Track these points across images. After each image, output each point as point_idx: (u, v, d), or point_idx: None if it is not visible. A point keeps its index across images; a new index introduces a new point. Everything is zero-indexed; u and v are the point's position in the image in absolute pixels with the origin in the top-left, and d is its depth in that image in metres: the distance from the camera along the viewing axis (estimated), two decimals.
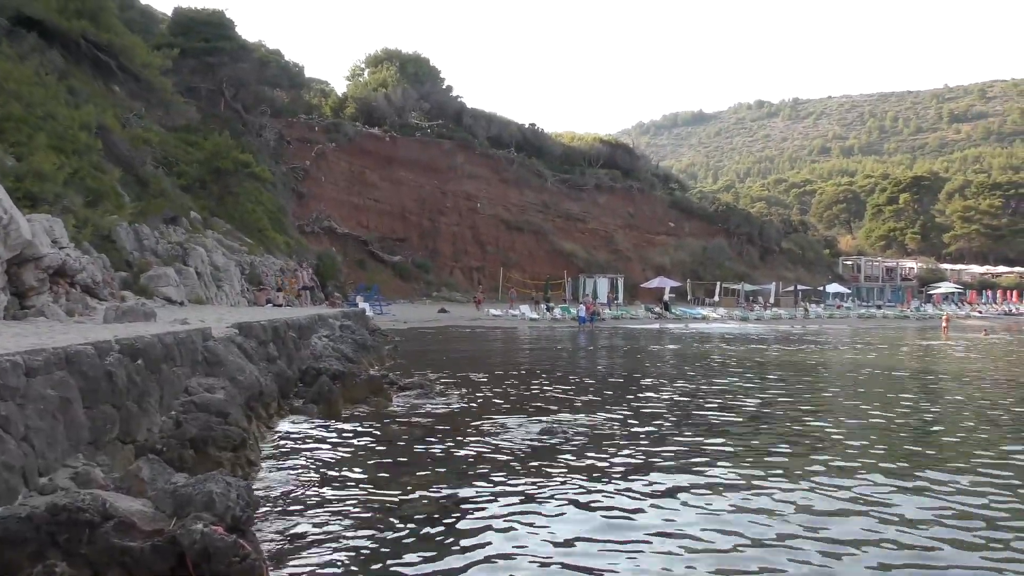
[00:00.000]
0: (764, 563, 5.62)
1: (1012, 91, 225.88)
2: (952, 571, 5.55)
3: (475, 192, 65.32)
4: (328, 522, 6.42)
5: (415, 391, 14.18)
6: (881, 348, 29.20)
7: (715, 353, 25.93)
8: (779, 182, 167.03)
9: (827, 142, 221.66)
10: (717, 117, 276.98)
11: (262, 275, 30.19)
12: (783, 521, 6.55)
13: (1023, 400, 14.62)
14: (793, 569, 5.52)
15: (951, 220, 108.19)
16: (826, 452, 9.42)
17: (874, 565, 5.60)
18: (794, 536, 6.16)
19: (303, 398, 12.08)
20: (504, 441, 9.93)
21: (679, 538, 6.13)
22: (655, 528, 6.40)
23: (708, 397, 14.33)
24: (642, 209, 75.52)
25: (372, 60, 72.84)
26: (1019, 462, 8.93)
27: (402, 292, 53.86)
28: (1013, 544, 6.02)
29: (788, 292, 70.88)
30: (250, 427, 8.90)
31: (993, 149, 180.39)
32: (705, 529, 6.33)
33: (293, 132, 57.38)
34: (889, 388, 16.49)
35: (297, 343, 15.23)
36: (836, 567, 5.57)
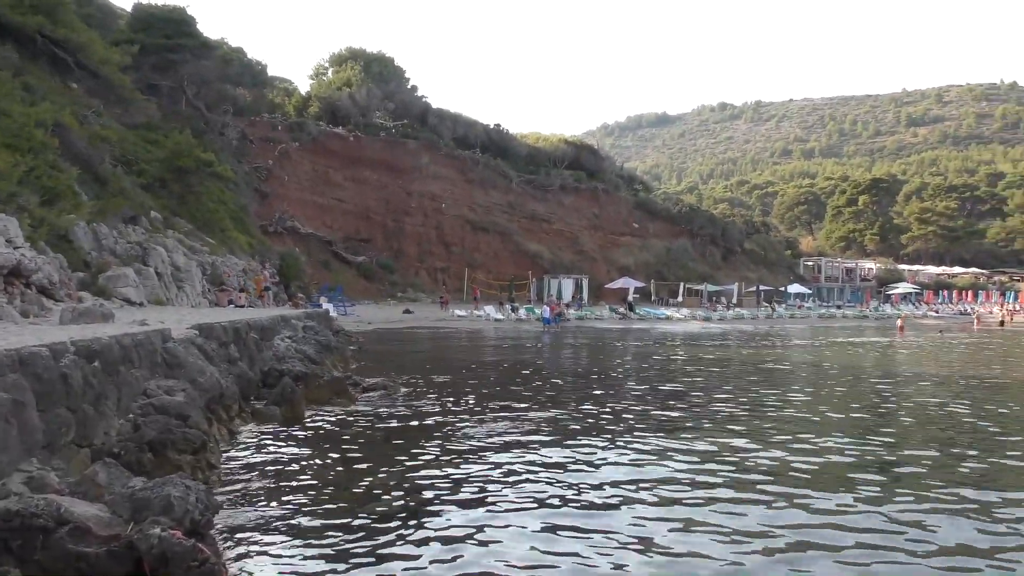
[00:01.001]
0: (724, 555, 5.70)
1: (967, 96, 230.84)
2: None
3: (440, 192, 65.14)
4: (289, 524, 6.37)
5: (379, 392, 14.12)
6: (838, 347, 29.68)
7: (677, 353, 26.13)
8: (742, 184, 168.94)
9: (788, 144, 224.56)
10: (681, 119, 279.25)
11: (224, 275, 29.83)
12: (741, 516, 6.64)
13: (959, 396, 14.95)
14: (750, 562, 5.61)
15: (909, 222, 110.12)
16: (779, 447, 9.55)
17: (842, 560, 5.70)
18: (748, 528, 6.26)
19: (265, 400, 11.97)
20: (467, 441, 9.94)
21: (641, 532, 6.18)
22: (619, 523, 6.45)
23: (668, 396, 14.45)
24: (607, 210, 75.88)
25: (336, 59, 72.29)
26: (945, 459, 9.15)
27: (367, 293, 53.56)
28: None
29: (750, 292, 71.67)
30: (211, 430, 8.80)
31: (949, 152, 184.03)
32: (666, 520, 6.39)
33: (256, 131, 56.77)
34: (843, 386, 16.75)
35: (259, 344, 15.08)
36: (794, 559, 5.66)
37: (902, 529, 6.42)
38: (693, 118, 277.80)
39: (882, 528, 6.45)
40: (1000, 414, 13.00)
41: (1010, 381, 18.73)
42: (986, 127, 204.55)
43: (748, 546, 6.00)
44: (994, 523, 6.65)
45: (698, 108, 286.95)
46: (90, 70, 32.43)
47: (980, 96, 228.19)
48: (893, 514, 6.81)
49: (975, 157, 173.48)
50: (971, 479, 8.23)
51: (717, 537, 6.19)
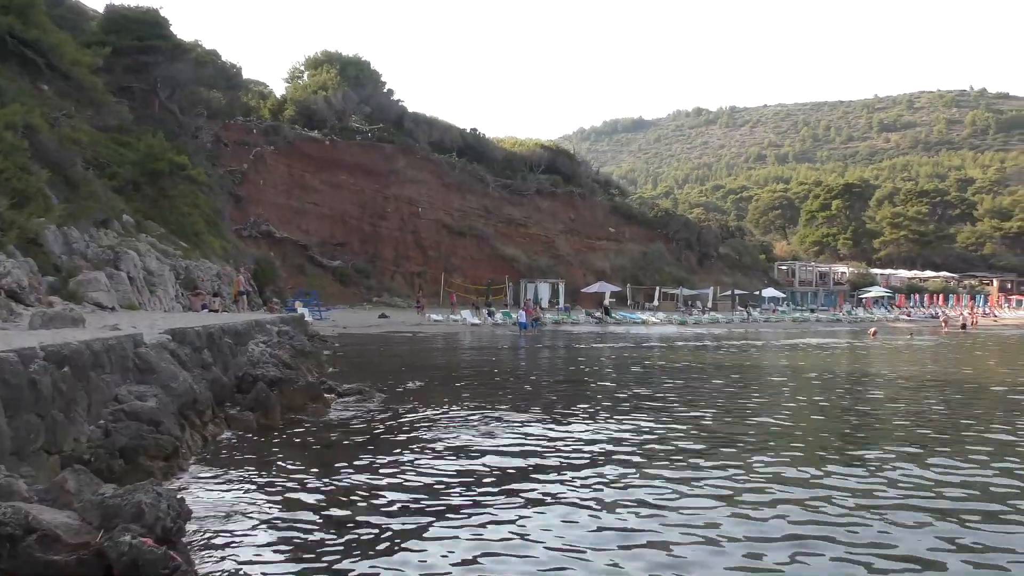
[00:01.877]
0: (693, 560, 5.72)
1: (938, 102, 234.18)
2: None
3: (417, 197, 64.99)
4: (263, 531, 6.32)
5: (354, 397, 14.05)
6: (811, 351, 29.96)
7: (653, 357, 26.24)
8: (717, 188, 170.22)
9: (763, 149, 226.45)
10: (656, 124, 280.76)
11: (198, 280, 29.57)
12: (711, 516, 6.68)
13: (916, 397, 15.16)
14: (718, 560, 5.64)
15: (881, 226, 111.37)
16: (750, 448, 9.62)
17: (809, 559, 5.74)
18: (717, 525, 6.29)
19: (239, 405, 11.87)
20: (443, 447, 9.91)
21: (615, 536, 6.20)
22: (591, 527, 6.46)
23: (645, 399, 14.50)
24: (583, 214, 76.07)
25: (311, 62, 71.93)
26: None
27: (342, 297, 53.30)
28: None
29: (725, 296, 72.12)
30: (183, 435, 8.72)
31: (920, 158, 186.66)
32: (645, 528, 6.41)
33: (230, 134, 56.34)
34: (817, 388, 16.92)
35: (233, 349, 14.95)
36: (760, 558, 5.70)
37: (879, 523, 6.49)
38: (669, 123, 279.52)
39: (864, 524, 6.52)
40: (959, 410, 13.19)
41: (965, 378, 19.01)
42: (956, 133, 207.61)
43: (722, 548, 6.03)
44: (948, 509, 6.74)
45: (673, 113, 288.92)
46: (61, 72, 32.01)
47: (950, 102, 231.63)
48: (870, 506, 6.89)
49: (945, 162, 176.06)
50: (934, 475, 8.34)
51: (707, 545, 6.21)
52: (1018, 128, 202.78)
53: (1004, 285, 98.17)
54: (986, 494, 7.69)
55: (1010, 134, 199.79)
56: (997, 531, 6.52)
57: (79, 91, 33.15)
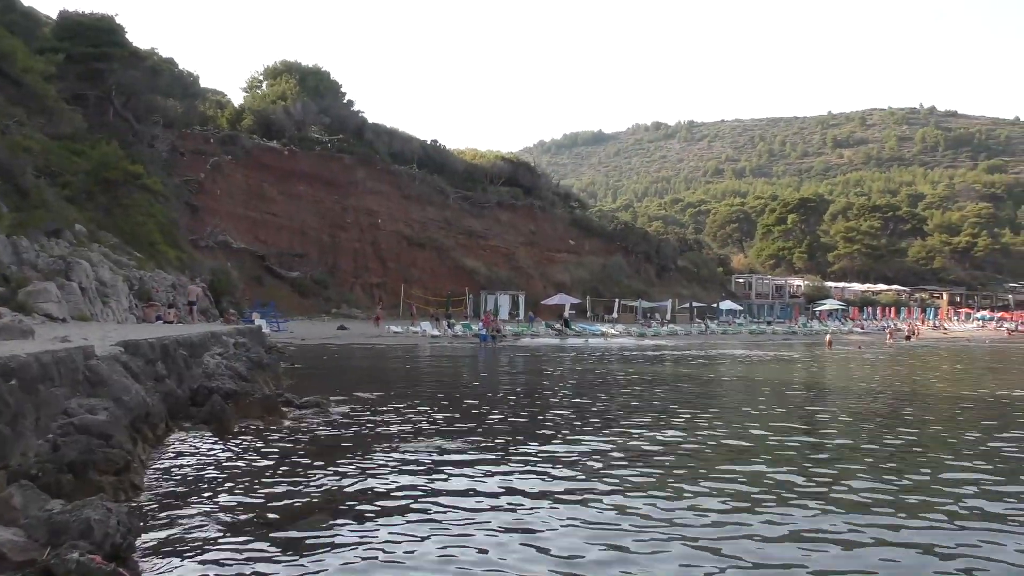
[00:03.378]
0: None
1: (889, 119, 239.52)
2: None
3: (376, 208, 64.72)
4: (216, 546, 6.22)
5: (311, 410, 13.91)
6: (769, 361, 30.38)
7: (612, 368, 26.39)
8: (675, 202, 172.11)
9: (720, 164, 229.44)
10: (616, 138, 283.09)
11: (152, 291, 29.09)
12: (655, 523, 6.73)
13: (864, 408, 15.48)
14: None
15: (835, 240, 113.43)
16: (702, 458, 9.72)
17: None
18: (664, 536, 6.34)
19: (194, 418, 11.69)
20: (399, 458, 9.87)
21: (568, 550, 6.21)
22: (543, 539, 6.47)
23: (601, 411, 14.58)
24: (543, 227, 76.36)
25: (270, 72, 71.47)
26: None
27: (301, 309, 52.80)
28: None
29: (684, 309, 72.82)
30: (135, 449, 8.56)
31: (873, 173, 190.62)
32: (596, 535, 6.44)
33: (187, 143, 55.62)
34: (773, 396, 17.16)
35: (188, 361, 14.74)
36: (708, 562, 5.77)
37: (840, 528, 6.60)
38: (628, 137, 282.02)
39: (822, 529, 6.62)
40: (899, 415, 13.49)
41: (901, 383, 19.46)
42: (907, 150, 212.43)
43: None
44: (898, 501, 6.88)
45: (633, 127, 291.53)
46: (12, 78, 31.40)
47: (901, 120, 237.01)
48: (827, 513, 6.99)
49: (897, 178, 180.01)
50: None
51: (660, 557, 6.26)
52: (966, 145, 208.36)
53: (953, 298, 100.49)
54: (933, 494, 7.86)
55: (958, 151, 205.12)
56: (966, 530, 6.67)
57: (31, 98, 32.54)
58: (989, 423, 13.93)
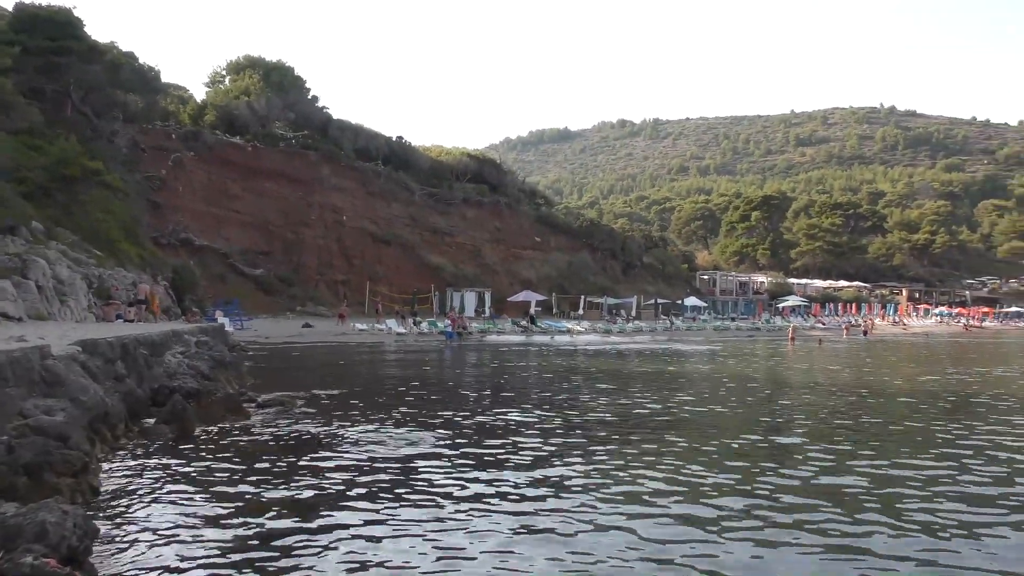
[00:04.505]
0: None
1: (851, 118, 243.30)
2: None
3: (341, 205, 64.29)
4: (176, 548, 6.15)
5: (275, 408, 13.80)
6: (734, 355, 30.70)
7: (578, 364, 26.49)
8: (640, 199, 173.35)
9: (685, 161, 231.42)
10: (582, 135, 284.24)
11: (112, 289, 28.63)
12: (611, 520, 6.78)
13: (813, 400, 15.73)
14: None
15: (798, 237, 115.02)
16: (666, 449, 9.80)
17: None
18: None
19: (154, 418, 11.54)
20: (364, 457, 9.82)
21: (527, 546, 6.23)
22: (505, 536, 6.49)
23: (566, 407, 14.63)
24: (509, 224, 76.40)
25: (233, 67, 70.61)
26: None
27: (265, 307, 52.27)
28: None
29: (649, 305, 73.33)
30: (93, 451, 8.42)
31: (834, 171, 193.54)
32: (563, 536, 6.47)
33: (148, 139, 54.80)
34: (738, 388, 17.34)
35: (149, 361, 14.54)
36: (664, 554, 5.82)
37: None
38: (594, 134, 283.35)
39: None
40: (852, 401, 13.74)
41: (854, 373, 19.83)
42: (868, 148, 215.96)
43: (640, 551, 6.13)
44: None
45: (598, 124, 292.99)
46: None
47: (862, 119, 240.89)
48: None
49: (858, 176, 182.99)
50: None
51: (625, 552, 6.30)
52: (924, 144, 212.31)
53: (912, 294, 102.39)
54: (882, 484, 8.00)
55: (917, 150, 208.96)
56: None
57: None
58: (938, 413, 14.22)
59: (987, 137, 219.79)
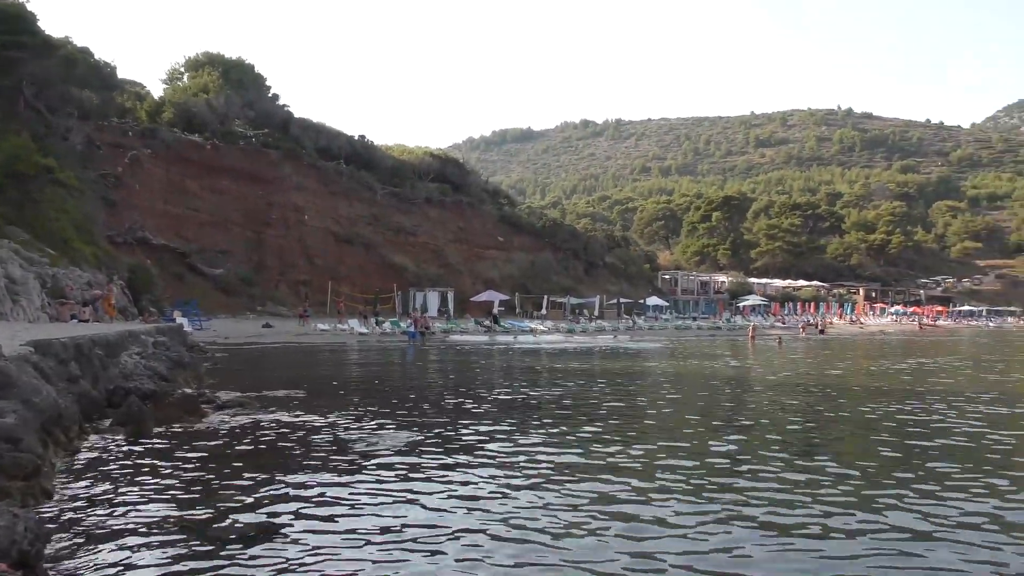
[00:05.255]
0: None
1: (809, 120, 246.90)
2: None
3: (303, 204, 63.73)
4: (131, 552, 6.02)
5: (234, 409, 13.61)
6: (691, 356, 30.99)
7: (541, 363, 26.53)
8: (603, 199, 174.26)
9: (647, 162, 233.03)
10: (545, 135, 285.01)
11: (66, 288, 28.07)
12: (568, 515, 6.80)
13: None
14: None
15: (758, 237, 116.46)
16: (623, 446, 9.85)
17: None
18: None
19: (110, 420, 11.32)
20: (324, 458, 9.72)
21: (485, 541, 6.22)
22: (467, 537, 6.47)
23: (529, 406, 14.64)
24: (472, 223, 76.34)
25: (192, 64, 69.69)
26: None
27: (224, 307, 51.62)
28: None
29: (611, 305, 73.73)
30: (46, 453, 8.24)
31: (793, 172, 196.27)
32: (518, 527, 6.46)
33: (104, 136, 53.81)
34: (698, 390, 17.50)
35: (104, 361, 14.26)
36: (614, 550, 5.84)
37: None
38: (556, 134, 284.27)
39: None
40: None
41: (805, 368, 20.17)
42: (825, 150, 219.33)
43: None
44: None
45: (561, 125, 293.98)
46: None
47: (820, 121, 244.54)
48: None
49: (816, 177, 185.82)
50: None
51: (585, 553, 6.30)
52: (881, 146, 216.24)
53: (869, 294, 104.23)
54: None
55: (874, 152, 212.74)
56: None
57: None
58: (891, 401, 14.48)
59: (941, 139, 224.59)
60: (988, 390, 18.18)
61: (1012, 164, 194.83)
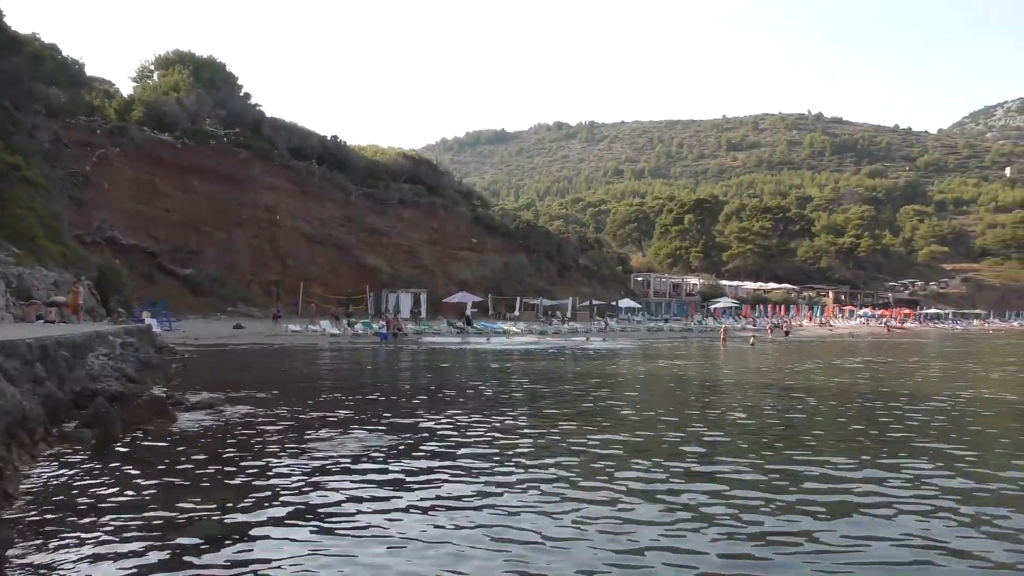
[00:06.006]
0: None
1: (780, 124, 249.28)
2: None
3: (275, 204, 63.19)
4: (96, 556, 5.95)
5: (203, 411, 13.49)
6: (662, 358, 31.15)
7: (514, 365, 26.53)
8: (576, 201, 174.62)
9: (620, 164, 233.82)
10: (518, 137, 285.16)
11: (32, 288, 27.62)
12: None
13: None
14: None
15: (729, 240, 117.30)
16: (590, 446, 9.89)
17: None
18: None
19: (76, 422, 11.16)
20: (293, 460, 9.66)
21: (460, 541, 6.22)
22: (438, 536, 6.47)
23: (506, 407, 14.63)
24: (446, 225, 76.15)
25: (162, 62, 68.89)
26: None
27: (195, 307, 51.04)
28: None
29: (584, 307, 73.88)
30: (9, 456, 8.11)
31: (764, 176, 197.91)
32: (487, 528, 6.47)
33: (72, 134, 53.01)
34: (673, 392, 17.60)
35: (71, 363, 14.05)
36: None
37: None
38: (530, 136, 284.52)
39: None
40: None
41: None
42: (796, 154, 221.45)
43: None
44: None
45: (535, 127, 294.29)
46: None
47: (791, 125, 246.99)
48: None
49: (787, 181, 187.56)
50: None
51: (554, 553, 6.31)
52: (850, 151, 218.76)
53: (838, 296, 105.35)
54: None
55: (843, 156, 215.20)
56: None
57: None
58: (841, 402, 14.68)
59: (909, 144, 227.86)
60: (953, 388, 18.47)
61: (977, 169, 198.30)
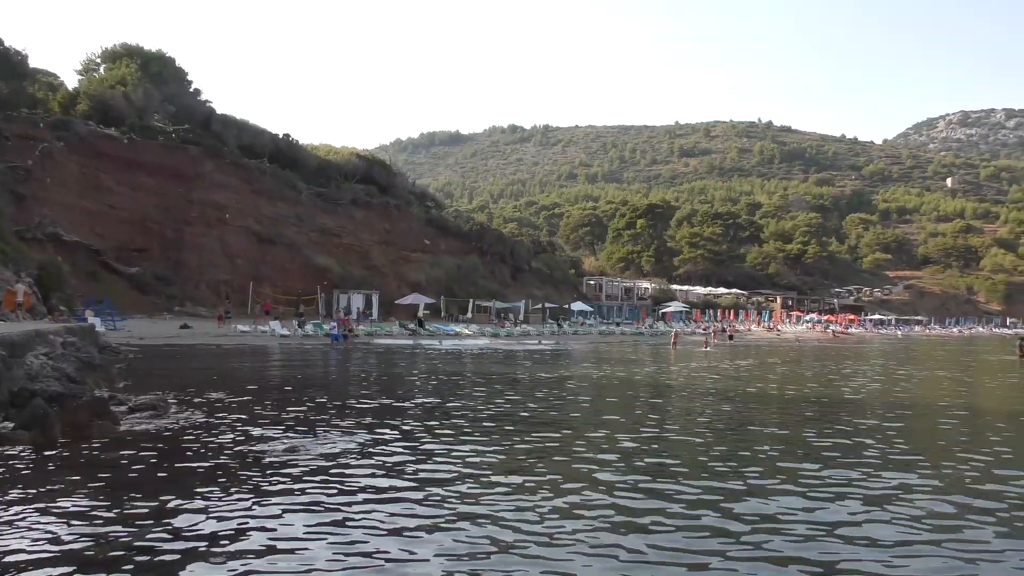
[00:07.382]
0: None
1: (731, 132, 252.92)
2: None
3: (224, 202, 62.11)
4: (33, 563, 5.76)
5: (147, 412, 13.19)
6: (614, 360, 31.35)
7: (465, 368, 26.46)
8: (530, 204, 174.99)
9: (574, 168, 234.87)
10: (473, 139, 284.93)
11: None
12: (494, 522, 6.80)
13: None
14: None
15: (680, 245, 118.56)
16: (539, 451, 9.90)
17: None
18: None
19: (12, 423, 10.82)
20: (238, 465, 9.49)
21: (415, 548, 6.16)
22: (376, 532, 6.41)
23: (455, 409, 14.58)
24: (398, 226, 75.69)
25: (109, 55, 67.35)
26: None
27: (140, 306, 49.96)
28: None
29: (537, 310, 74.05)
30: None
31: (716, 182, 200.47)
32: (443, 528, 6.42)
33: (13, 127, 51.56)
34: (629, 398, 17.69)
35: (8, 362, 13.63)
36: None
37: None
38: (485, 138, 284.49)
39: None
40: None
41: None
42: (746, 161, 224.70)
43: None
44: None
45: (490, 129, 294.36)
46: None
47: (742, 132, 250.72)
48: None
49: (737, 188, 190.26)
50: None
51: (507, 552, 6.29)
52: (799, 159, 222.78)
53: (786, 302, 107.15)
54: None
55: (792, 164, 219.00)
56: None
57: None
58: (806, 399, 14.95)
59: (855, 154, 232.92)
60: (893, 393, 18.89)
61: (920, 180, 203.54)
